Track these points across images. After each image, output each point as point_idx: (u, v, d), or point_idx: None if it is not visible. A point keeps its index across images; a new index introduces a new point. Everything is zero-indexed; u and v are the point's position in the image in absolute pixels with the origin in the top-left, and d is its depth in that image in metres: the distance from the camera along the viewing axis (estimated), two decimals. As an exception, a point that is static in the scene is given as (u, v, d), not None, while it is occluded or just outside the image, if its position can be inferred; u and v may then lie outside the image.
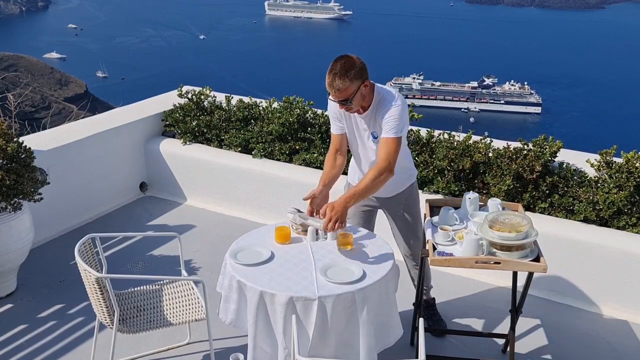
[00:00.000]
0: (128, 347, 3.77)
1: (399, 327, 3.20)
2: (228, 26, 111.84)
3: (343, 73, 3.18)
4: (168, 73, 74.70)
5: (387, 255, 3.26)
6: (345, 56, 3.25)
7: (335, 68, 3.20)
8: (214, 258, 4.75)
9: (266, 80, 74.03)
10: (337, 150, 3.58)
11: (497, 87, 77.08)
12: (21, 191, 4.08)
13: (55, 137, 5.28)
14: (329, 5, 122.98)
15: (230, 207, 5.64)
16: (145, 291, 3.60)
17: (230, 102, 5.88)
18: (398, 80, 77.01)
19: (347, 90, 3.20)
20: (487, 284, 4.59)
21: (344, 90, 3.20)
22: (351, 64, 3.21)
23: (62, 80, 59.68)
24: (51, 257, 4.85)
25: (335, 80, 3.19)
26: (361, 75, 3.23)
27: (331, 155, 3.58)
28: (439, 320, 4.02)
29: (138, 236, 5.14)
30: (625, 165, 4.30)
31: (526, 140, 4.74)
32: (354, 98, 3.24)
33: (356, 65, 3.22)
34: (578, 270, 4.33)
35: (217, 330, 3.77)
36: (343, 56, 3.25)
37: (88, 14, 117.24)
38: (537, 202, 4.52)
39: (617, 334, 4.09)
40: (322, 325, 2.95)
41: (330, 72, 3.22)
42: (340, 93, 3.21)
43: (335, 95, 3.25)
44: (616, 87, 79.84)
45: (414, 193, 3.76)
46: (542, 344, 3.96)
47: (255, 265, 3.15)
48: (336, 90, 3.21)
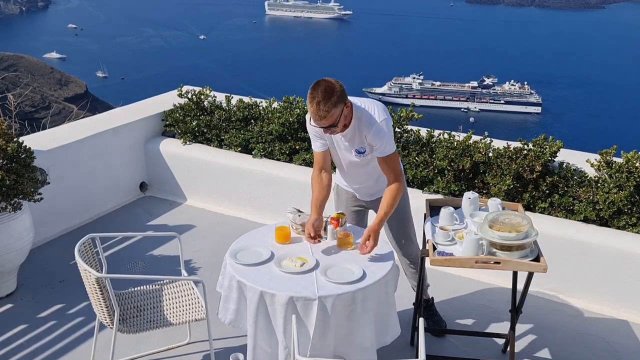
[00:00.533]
0: (128, 347, 3.77)
1: (397, 326, 3.21)
2: (228, 26, 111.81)
3: (326, 99, 3.13)
4: (168, 73, 74.69)
5: (387, 255, 3.26)
6: (323, 81, 3.20)
7: (317, 95, 3.14)
8: (214, 258, 4.75)
9: (266, 80, 74.04)
10: (322, 169, 3.56)
11: (497, 87, 77.04)
12: (21, 191, 4.08)
13: (55, 137, 5.28)
14: (329, 5, 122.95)
15: (230, 207, 5.64)
16: (145, 291, 3.60)
17: (230, 102, 5.88)
18: (398, 80, 76.97)
19: (332, 116, 3.17)
20: (487, 284, 4.59)
21: (330, 117, 3.17)
22: (332, 88, 3.16)
23: (62, 80, 59.69)
24: (51, 257, 4.85)
25: (320, 109, 3.14)
26: (342, 99, 3.20)
27: (317, 176, 3.55)
28: (439, 320, 4.02)
29: (138, 236, 5.14)
30: (625, 165, 4.30)
31: (526, 140, 4.74)
32: (339, 121, 3.22)
33: (336, 88, 3.17)
34: (578, 270, 4.33)
35: (217, 330, 3.76)
36: (320, 82, 3.20)
37: (88, 14, 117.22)
38: (537, 202, 4.52)
39: (617, 334, 4.09)
40: (322, 325, 2.95)
41: (312, 100, 3.16)
42: (325, 120, 3.18)
43: (320, 123, 3.20)
44: (616, 87, 79.83)
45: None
46: (542, 344, 3.96)
47: (255, 265, 3.15)
48: (322, 119, 3.17)
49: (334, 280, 2.99)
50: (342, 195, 3.79)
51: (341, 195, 3.80)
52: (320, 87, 3.16)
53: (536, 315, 4.23)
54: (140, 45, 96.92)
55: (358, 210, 3.78)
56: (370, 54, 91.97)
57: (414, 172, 4.80)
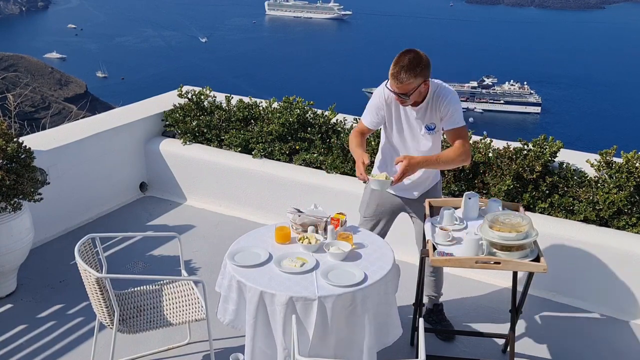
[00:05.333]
0: (128, 347, 3.77)
1: (398, 327, 3.21)
2: (228, 26, 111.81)
3: (410, 68, 3.20)
4: (168, 73, 74.69)
5: (387, 256, 3.26)
6: (414, 51, 3.26)
7: (403, 60, 3.21)
8: (214, 258, 4.75)
9: (266, 80, 73.99)
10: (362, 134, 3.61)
11: (496, 87, 77.04)
12: (21, 191, 4.08)
13: (55, 137, 5.28)
14: (328, 5, 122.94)
15: (230, 207, 5.64)
16: (145, 291, 3.60)
17: (230, 102, 5.88)
18: (398, 80, 76.89)
19: (409, 85, 3.23)
20: (487, 284, 4.59)
21: (407, 85, 3.23)
22: (419, 60, 3.23)
23: (62, 80, 59.66)
24: (51, 257, 4.85)
25: (401, 74, 3.21)
26: (426, 73, 3.26)
27: (356, 133, 3.60)
28: (448, 325, 4.02)
29: (138, 236, 5.14)
30: (625, 165, 4.30)
31: (526, 140, 4.74)
32: (412, 94, 3.27)
33: (423, 62, 3.24)
34: (578, 270, 4.33)
35: (217, 330, 3.77)
36: (411, 50, 3.27)
37: (88, 14, 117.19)
38: (537, 202, 4.52)
39: (617, 334, 4.09)
40: (322, 325, 2.95)
41: (397, 63, 3.23)
42: (402, 86, 3.24)
43: (396, 87, 3.26)
44: (616, 87, 79.81)
45: (437, 193, 3.78)
46: (542, 344, 3.96)
47: (254, 267, 3.15)
48: (399, 83, 3.23)
49: (335, 284, 2.98)
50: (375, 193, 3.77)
51: (372, 193, 3.79)
52: (409, 55, 3.24)
53: (536, 315, 4.23)
54: (140, 45, 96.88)
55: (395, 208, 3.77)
56: (370, 54, 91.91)
57: (414, 172, 4.80)
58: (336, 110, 5.41)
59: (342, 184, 5.04)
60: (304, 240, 3.30)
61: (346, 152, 5.15)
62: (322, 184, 5.09)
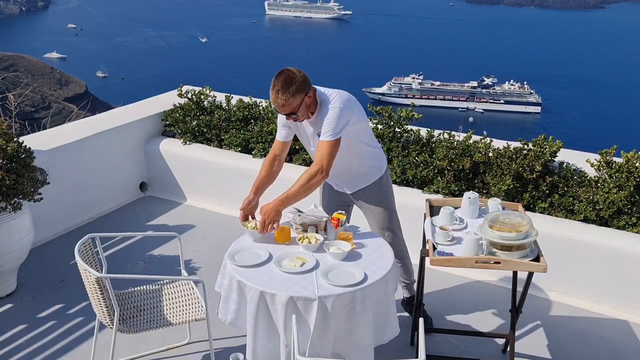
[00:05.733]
0: (128, 347, 3.77)
1: (395, 326, 3.21)
2: (228, 26, 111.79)
3: (285, 89, 3.24)
4: (168, 73, 74.64)
5: (387, 255, 3.26)
6: (286, 71, 3.29)
7: (276, 84, 3.26)
8: (214, 258, 4.75)
9: (266, 80, 73.32)
10: (276, 157, 3.68)
11: (496, 86, 77.00)
12: (21, 191, 4.08)
13: (55, 137, 5.28)
14: (328, 5, 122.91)
15: (230, 207, 5.64)
16: (145, 291, 3.60)
17: (230, 102, 5.88)
18: (398, 80, 76.93)
19: (291, 105, 3.28)
20: (487, 284, 4.59)
21: (288, 105, 3.28)
22: (291, 79, 3.26)
23: (62, 80, 59.64)
24: (51, 257, 4.85)
25: (278, 97, 3.26)
26: (303, 89, 3.28)
27: (269, 162, 3.68)
28: (426, 318, 4.00)
29: (138, 236, 5.14)
30: (625, 165, 4.30)
31: (526, 140, 4.74)
32: (299, 110, 3.31)
33: (296, 79, 3.26)
34: (578, 270, 4.33)
35: (217, 330, 3.77)
36: (283, 71, 3.30)
37: (88, 14, 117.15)
38: (537, 202, 4.52)
39: (617, 334, 4.09)
40: (322, 325, 2.95)
41: (272, 88, 3.28)
42: (284, 108, 3.29)
43: (280, 110, 3.33)
44: (616, 87, 79.80)
45: (383, 187, 3.76)
46: (542, 343, 3.97)
47: (254, 267, 3.15)
48: (280, 106, 3.29)
49: (335, 283, 2.99)
50: (325, 190, 3.88)
51: (324, 190, 3.88)
52: (281, 76, 3.27)
53: (536, 315, 4.23)
54: (140, 45, 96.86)
55: (341, 205, 3.81)
56: (370, 54, 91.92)
57: (414, 172, 4.80)
58: (336, 110, 5.40)
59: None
60: (304, 240, 3.30)
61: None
62: (322, 184, 5.09)
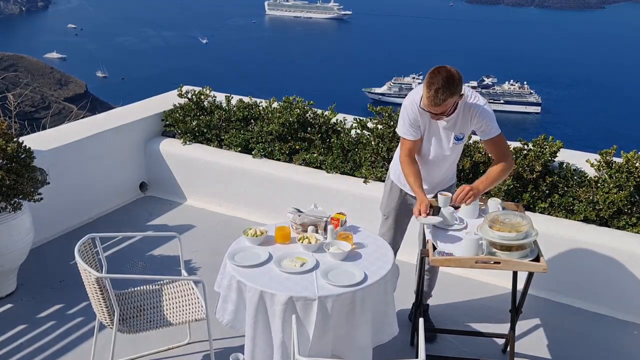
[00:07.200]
0: (128, 347, 3.77)
1: (395, 326, 3.22)
2: (228, 26, 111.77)
3: (446, 88, 3.15)
4: (168, 73, 74.59)
5: (387, 256, 3.27)
6: (444, 69, 3.20)
7: (435, 82, 3.16)
8: (214, 258, 4.74)
9: (266, 80, 73.95)
10: (412, 157, 3.55)
11: (496, 86, 76.98)
12: (21, 191, 4.08)
13: (55, 137, 5.28)
14: (328, 5, 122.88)
15: (230, 207, 5.64)
16: (145, 291, 3.60)
17: (230, 102, 5.88)
18: (398, 80, 76.84)
19: (447, 105, 3.21)
20: (487, 284, 4.59)
21: (445, 105, 3.20)
22: (452, 78, 3.17)
23: (62, 80, 59.64)
24: (51, 257, 4.85)
25: (437, 96, 3.16)
26: (460, 89, 3.23)
27: (410, 162, 3.53)
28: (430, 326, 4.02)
29: (138, 236, 5.14)
30: (625, 165, 4.30)
31: (526, 140, 4.74)
32: (450, 110, 3.25)
33: (456, 79, 3.18)
34: (578, 270, 4.33)
35: (217, 330, 3.76)
36: (441, 69, 3.20)
37: (88, 14, 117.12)
38: (537, 202, 4.52)
39: (617, 334, 4.09)
40: (322, 325, 2.95)
41: (429, 86, 3.17)
42: (440, 108, 3.20)
43: (434, 109, 3.22)
44: (616, 87, 79.76)
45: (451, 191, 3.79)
46: (542, 344, 3.97)
47: (254, 267, 3.15)
48: (436, 105, 3.19)
49: (335, 283, 2.99)
50: (395, 194, 3.80)
51: (394, 193, 3.81)
52: (441, 74, 3.17)
53: (536, 315, 4.23)
54: (140, 45, 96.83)
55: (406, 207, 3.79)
56: (369, 54, 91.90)
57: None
58: (336, 110, 5.41)
59: (342, 184, 5.04)
60: (304, 240, 3.30)
61: (346, 152, 5.15)
62: (322, 184, 5.09)
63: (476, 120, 3.37)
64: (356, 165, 5.10)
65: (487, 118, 3.35)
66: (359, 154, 5.08)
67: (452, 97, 3.19)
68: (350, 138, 5.14)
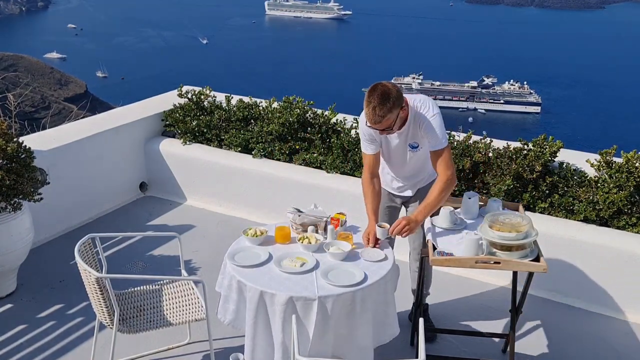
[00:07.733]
0: (128, 347, 3.77)
1: (395, 326, 3.22)
2: (228, 26, 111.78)
3: (382, 104, 3.16)
4: (168, 73, 74.62)
5: (387, 255, 3.26)
6: (380, 86, 3.22)
7: (372, 101, 3.18)
8: (214, 258, 4.75)
9: (266, 80, 73.96)
10: (373, 174, 3.56)
11: (496, 86, 77.03)
12: (21, 191, 4.08)
13: (56, 137, 5.28)
14: (328, 5, 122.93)
15: (230, 207, 5.64)
16: (145, 291, 3.60)
17: (230, 102, 5.88)
18: (398, 80, 76.77)
19: (388, 120, 3.21)
20: (487, 284, 4.59)
21: (385, 121, 3.21)
22: (387, 94, 3.18)
23: (62, 80, 59.64)
24: (51, 257, 4.85)
25: (376, 114, 3.17)
26: (399, 103, 3.22)
27: (369, 182, 3.55)
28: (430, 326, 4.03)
29: (138, 236, 5.14)
30: (625, 165, 4.30)
31: (526, 140, 4.74)
32: (394, 125, 3.26)
33: (392, 94, 3.19)
34: (578, 270, 4.33)
35: (217, 330, 3.77)
36: (378, 86, 3.22)
37: (88, 14, 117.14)
38: (537, 202, 4.52)
39: (617, 334, 4.09)
40: (322, 325, 2.95)
41: (367, 105, 3.19)
42: (381, 124, 3.22)
43: (376, 127, 3.24)
44: (616, 87, 79.79)
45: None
46: (542, 344, 3.97)
47: (254, 267, 3.15)
48: (376, 123, 3.21)
49: (335, 283, 2.99)
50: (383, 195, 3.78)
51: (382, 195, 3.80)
52: (376, 92, 3.19)
53: (536, 315, 4.23)
54: (140, 45, 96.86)
55: (391, 207, 3.80)
56: (369, 54, 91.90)
57: (414, 172, 4.80)
58: (336, 110, 5.41)
59: (342, 183, 5.04)
60: (304, 240, 3.30)
61: (346, 152, 5.15)
62: (322, 184, 5.09)
63: (422, 132, 3.38)
64: (356, 165, 5.10)
65: (431, 131, 3.34)
66: (359, 154, 5.08)
67: (390, 113, 3.19)
68: (350, 138, 5.14)
